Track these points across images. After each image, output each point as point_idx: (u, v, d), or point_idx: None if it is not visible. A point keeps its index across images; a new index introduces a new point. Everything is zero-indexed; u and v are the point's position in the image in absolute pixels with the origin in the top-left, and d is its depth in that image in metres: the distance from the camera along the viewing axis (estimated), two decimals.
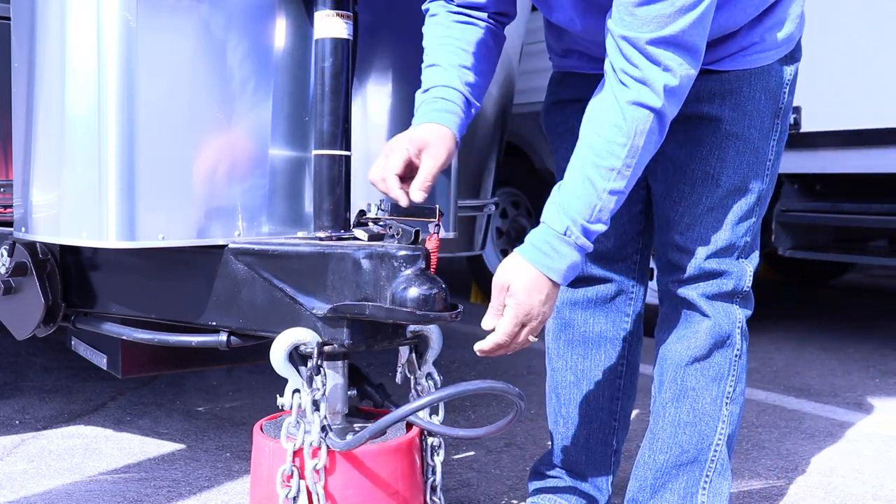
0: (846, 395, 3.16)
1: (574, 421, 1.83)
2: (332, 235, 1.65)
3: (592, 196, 1.37)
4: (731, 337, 1.63)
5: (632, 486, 1.72)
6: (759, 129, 1.59)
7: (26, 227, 1.73)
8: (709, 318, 1.62)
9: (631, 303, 1.80)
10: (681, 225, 1.61)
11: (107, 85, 1.52)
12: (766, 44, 1.56)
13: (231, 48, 1.64)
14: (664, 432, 1.67)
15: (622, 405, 1.84)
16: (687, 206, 1.60)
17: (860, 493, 2.18)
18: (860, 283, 6.48)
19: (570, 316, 1.80)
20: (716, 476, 1.66)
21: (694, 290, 1.62)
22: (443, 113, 1.52)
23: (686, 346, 1.64)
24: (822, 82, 3.55)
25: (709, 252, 1.59)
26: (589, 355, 1.81)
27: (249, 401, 2.93)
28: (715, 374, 1.63)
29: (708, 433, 1.64)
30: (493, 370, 3.52)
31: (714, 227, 1.59)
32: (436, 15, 1.62)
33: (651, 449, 1.69)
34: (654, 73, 1.33)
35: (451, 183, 2.01)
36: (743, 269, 1.62)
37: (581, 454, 1.83)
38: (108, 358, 2.00)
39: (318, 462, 1.45)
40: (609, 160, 1.36)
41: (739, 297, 1.64)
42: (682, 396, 1.65)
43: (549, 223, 1.40)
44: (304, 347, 1.48)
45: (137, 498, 2.06)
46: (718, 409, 1.64)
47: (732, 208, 1.59)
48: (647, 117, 1.35)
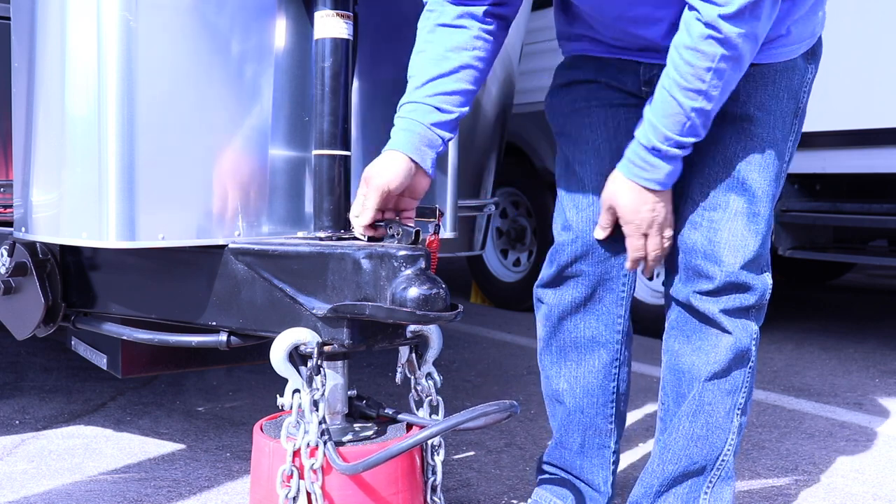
0: (846, 395, 3.16)
1: (568, 429, 1.80)
2: (332, 235, 1.65)
3: (681, 115, 1.44)
4: (748, 351, 1.61)
5: (636, 491, 1.72)
6: (782, 131, 1.57)
7: (26, 227, 1.73)
8: (730, 335, 1.58)
9: (622, 302, 1.75)
10: (708, 230, 1.57)
11: (107, 85, 1.52)
12: (792, 37, 1.55)
13: (231, 48, 1.64)
14: (676, 444, 1.65)
15: (617, 408, 1.81)
16: (711, 207, 1.57)
17: (860, 493, 2.18)
18: (860, 283, 6.48)
19: (559, 322, 1.76)
20: (719, 482, 1.66)
21: (716, 305, 1.57)
22: (400, 134, 1.55)
23: (705, 360, 1.60)
24: (822, 82, 3.54)
25: (738, 262, 1.55)
26: (583, 362, 1.77)
27: (249, 401, 2.93)
28: (730, 388, 1.62)
29: (718, 444, 1.63)
30: (493, 370, 3.52)
31: (742, 235, 1.56)
32: (433, 11, 1.61)
33: (661, 459, 1.67)
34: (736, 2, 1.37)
35: (451, 183, 2.01)
36: (766, 283, 1.60)
37: (577, 458, 1.81)
38: (108, 358, 2.00)
39: (315, 462, 1.45)
40: (695, 83, 1.42)
41: (756, 310, 1.61)
42: (698, 412, 1.62)
43: (642, 140, 1.49)
44: (304, 347, 1.48)
45: (137, 498, 2.06)
46: (730, 421, 1.63)
47: (761, 214, 1.56)
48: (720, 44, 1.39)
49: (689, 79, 1.42)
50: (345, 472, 1.44)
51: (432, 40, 1.60)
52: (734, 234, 1.56)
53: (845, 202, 3.80)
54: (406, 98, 1.59)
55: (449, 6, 1.60)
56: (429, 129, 1.56)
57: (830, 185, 3.93)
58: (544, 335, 1.80)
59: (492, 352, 3.90)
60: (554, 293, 1.74)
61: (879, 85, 3.49)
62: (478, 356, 3.79)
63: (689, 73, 1.42)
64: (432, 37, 1.60)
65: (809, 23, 1.57)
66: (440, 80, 1.57)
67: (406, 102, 1.58)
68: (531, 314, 1.77)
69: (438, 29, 1.59)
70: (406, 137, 1.55)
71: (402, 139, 1.55)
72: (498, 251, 5.28)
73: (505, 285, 5.22)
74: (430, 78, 1.57)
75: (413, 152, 1.55)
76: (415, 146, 1.55)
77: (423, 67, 1.58)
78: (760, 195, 1.57)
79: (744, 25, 1.38)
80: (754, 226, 1.56)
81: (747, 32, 1.40)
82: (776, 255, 3.97)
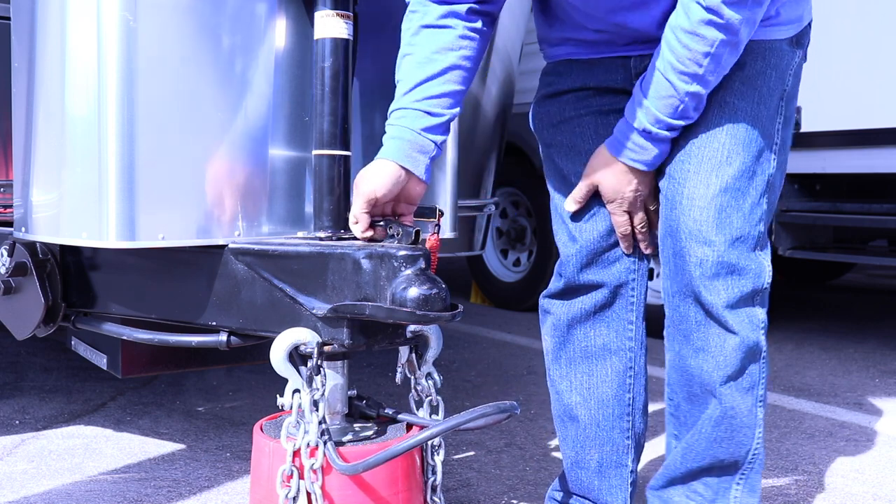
0: (846, 395, 3.16)
1: (584, 445, 1.72)
2: (332, 235, 1.65)
3: (674, 98, 1.45)
4: (758, 344, 1.53)
5: (657, 480, 1.64)
6: (768, 109, 1.53)
7: (26, 227, 1.73)
8: (735, 335, 1.50)
9: (633, 308, 1.69)
10: (692, 208, 1.50)
11: (107, 85, 1.52)
12: (780, 18, 1.53)
13: (231, 48, 1.64)
14: (699, 445, 1.57)
15: (634, 422, 1.72)
16: (695, 186, 1.50)
17: (860, 493, 2.18)
18: (860, 283, 6.48)
19: (568, 331, 1.70)
20: (752, 473, 1.59)
21: (716, 297, 1.49)
22: (390, 142, 1.54)
23: (714, 365, 1.52)
24: (823, 82, 3.55)
25: (725, 239, 1.48)
26: (594, 372, 1.69)
27: (249, 401, 2.94)
28: (748, 385, 1.55)
29: (745, 441, 1.57)
30: (493, 370, 3.52)
31: (727, 212, 1.49)
32: (416, 12, 1.58)
33: (684, 458, 1.59)
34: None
35: (451, 183, 2.01)
36: (761, 263, 1.52)
37: (594, 479, 1.72)
38: (108, 358, 2.00)
39: (315, 462, 1.45)
40: (692, 67, 1.42)
41: (759, 295, 1.53)
42: (721, 418, 1.54)
43: (633, 121, 1.49)
44: (304, 347, 1.48)
45: (137, 498, 2.06)
46: (754, 416, 1.56)
47: (746, 191, 1.50)
48: (719, 29, 1.39)
49: (686, 62, 1.42)
50: (345, 472, 1.44)
51: (417, 42, 1.57)
52: (718, 210, 1.49)
53: (845, 202, 3.80)
54: (395, 104, 1.56)
55: (432, 6, 1.57)
56: (419, 134, 1.54)
57: (830, 185, 3.93)
58: (553, 347, 1.73)
59: (492, 352, 3.90)
60: (562, 303, 1.70)
61: (880, 85, 3.49)
62: (478, 356, 3.79)
63: (686, 57, 1.41)
64: (417, 39, 1.57)
65: (798, 7, 1.56)
66: (428, 84, 1.55)
67: (395, 109, 1.56)
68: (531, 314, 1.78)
69: (423, 30, 1.57)
70: (396, 145, 1.54)
71: (391, 147, 1.54)
72: (498, 251, 5.28)
73: (505, 285, 5.22)
74: (418, 82, 1.55)
75: (403, 160, 1.53)
76: (405, 153, 1.53)
77: (410, 71, 1.56)
78: (744, 171, 1.50)
79: (746, 11, 1.38)
80: (737, 202, 1.50)
81: (749, 17, 1.39)
82: (776, 256, 3.97)
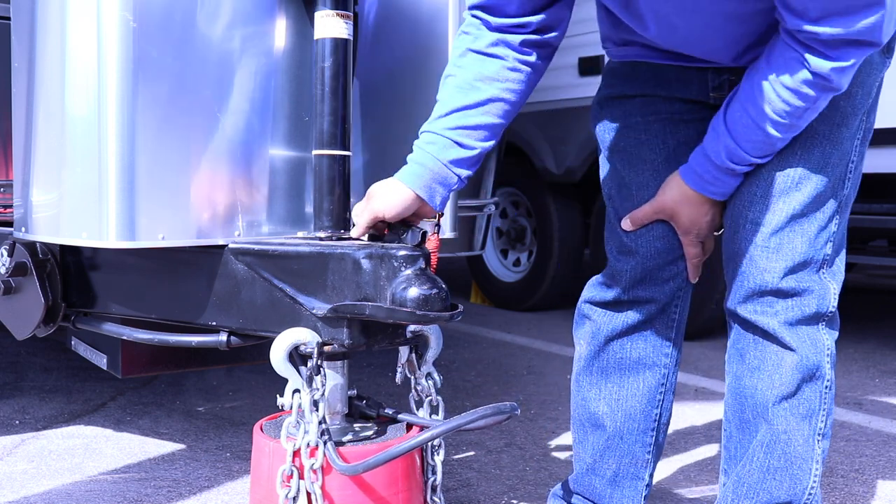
0: (846, 395, 3.16)
1: (604, 455, 1.68)
2: (332, 235, 1.65)
3: (766, 144, 1.41)
4: (819, 368, 1.45)
5: None
6: (849, 129, 1.46)
7: (26, 227, 1.73)
8: (794, 353, 1.44)
9: (674, 325, 1.65)
10: (756, 234, 1.45)
11: (107, 85, 1.52)
12: None
13: (231, 48, 1.64)
14: (751, 478, 1.49)
15: (657, 437, 1.69)
16: (760, 211, 1.45)
17: (860, 493, 2.18)
18: (860, 283, 6.48)
19: (606, 342, 1.65)
20: None
21: (774, 318, 1.44)
22: (411, 167, 1.49)
23: (769, 383, 1.46)
24: None
25: (787, 266, 1.43)
26: (625, 384, 1.65)
27: (249, 401, 2.94)
28: (806, 412, 1.46)
29: (802, 477, 1.47)
30: (493, 370, 3.52)
31: (790, 237, 1.43)
32: (467, 34, 1.50)
33: (735, 494, 1.51)
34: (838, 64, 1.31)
35: None
36: (825, 285, 1.45)
37: (608, 487, 1.69)
38: (108, 358, 2.00)
39: (315, 462, 1.45)
40: (789, 119, 1.37)
41: (825, 319, 1.46)
42: (774, 442, 1.47)
43: (715, 158, 1.45)
44: (304, 347, 1.48)
45: (137, 498, 2.06)
46: (811, 448, 1.47)
47: (814, 217, 1.44)
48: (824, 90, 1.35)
49: (784, 115, 1.36)
50: (345, 472, 1.44)
51: (463, 65, 1.49)
52: (784, 237, 1.44)
53: None
54: (427, 126, 1.49)
55: (485, 31, 1.49)
56: (444, 165, 1.47)
57: None
58: (587, 354, 1.68)
59: (492, 352, 3.90)
60: (605, 313, 1.65)
61: None
62: (478, 356, 3.79)
63: (785, 111, 1.36)
64: (463, 62, 1.49)
65: None
66: (464, 112, 1.47)
67: (426, 131, 1.49)
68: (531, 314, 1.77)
69: (470, 54, 1.49)
70: (416, 171, 1.47)
71: (411, 172, 1.48)
72: (498, 251, 5.28)
73: (505, 285, 5.22)
74: (455, 108, 1.47)
75: (420, 189, 1.47)
76: (424, 183, 1.47)
77: (450, 95, 1.48)
78: (814, 197, 1.44)
79: (853, 70, 1.33)
80: (801, 227, 1.44)
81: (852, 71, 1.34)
82: None
